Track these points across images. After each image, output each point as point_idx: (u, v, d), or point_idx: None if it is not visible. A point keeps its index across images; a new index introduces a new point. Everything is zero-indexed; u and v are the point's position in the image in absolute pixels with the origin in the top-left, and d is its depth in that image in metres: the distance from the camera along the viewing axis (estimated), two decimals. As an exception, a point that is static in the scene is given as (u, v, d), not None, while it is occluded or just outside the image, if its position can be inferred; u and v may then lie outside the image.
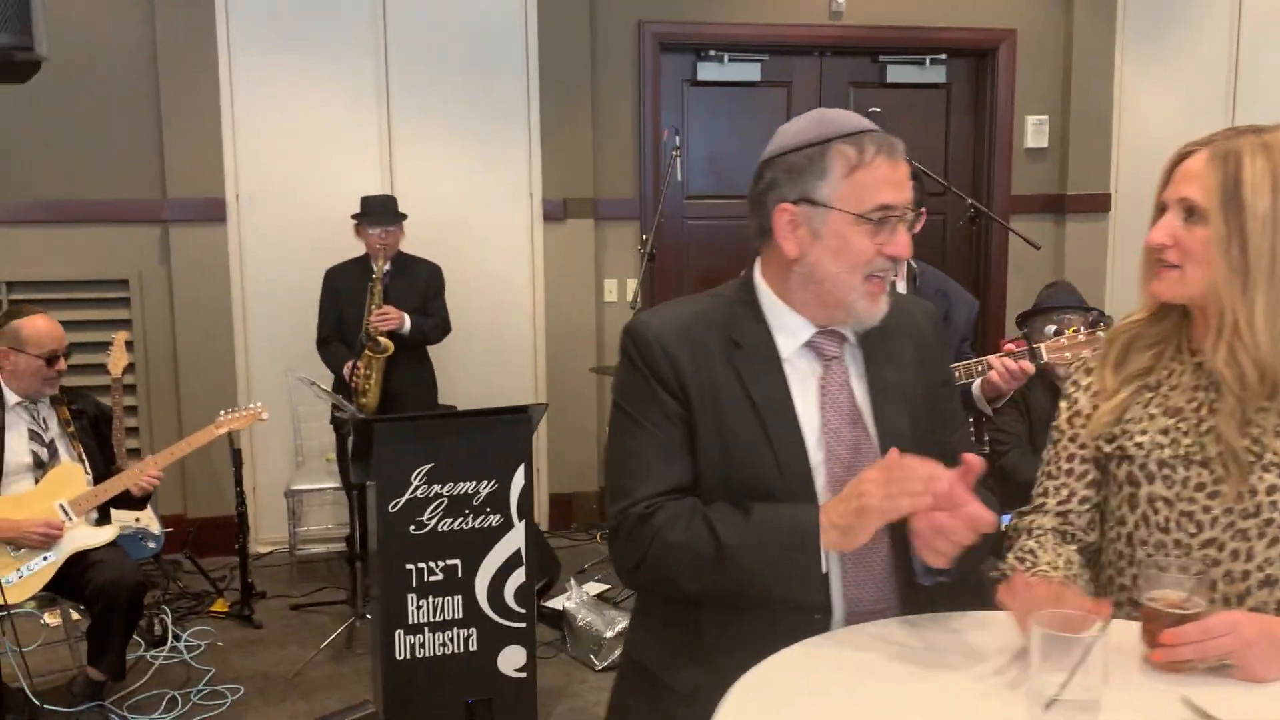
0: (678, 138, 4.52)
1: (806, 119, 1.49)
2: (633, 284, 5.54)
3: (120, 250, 4.94)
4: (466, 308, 4.96)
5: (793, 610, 1.41)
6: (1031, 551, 1.53)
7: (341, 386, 4.46)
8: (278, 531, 5.02)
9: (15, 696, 3.31)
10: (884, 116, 4.76)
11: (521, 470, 3.27)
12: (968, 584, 1.54)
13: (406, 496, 3.17)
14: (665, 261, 5.56)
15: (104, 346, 4.21)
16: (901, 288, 2.94)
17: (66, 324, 4.84)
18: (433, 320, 4.53)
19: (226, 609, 4.36)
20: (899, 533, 1.44)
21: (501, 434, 3.25)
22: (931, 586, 1.48)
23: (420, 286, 4.54)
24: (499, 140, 5.24)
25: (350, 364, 4.32)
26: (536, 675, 3.37)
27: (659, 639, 1.54)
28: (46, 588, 3.27)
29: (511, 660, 3.32)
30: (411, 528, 3.18)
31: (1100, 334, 2.66)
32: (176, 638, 4.02)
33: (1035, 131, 5.78)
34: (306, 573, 4.88)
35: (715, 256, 5.69)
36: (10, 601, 3.19)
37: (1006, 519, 1.60)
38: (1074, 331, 2.73)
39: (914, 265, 2.97)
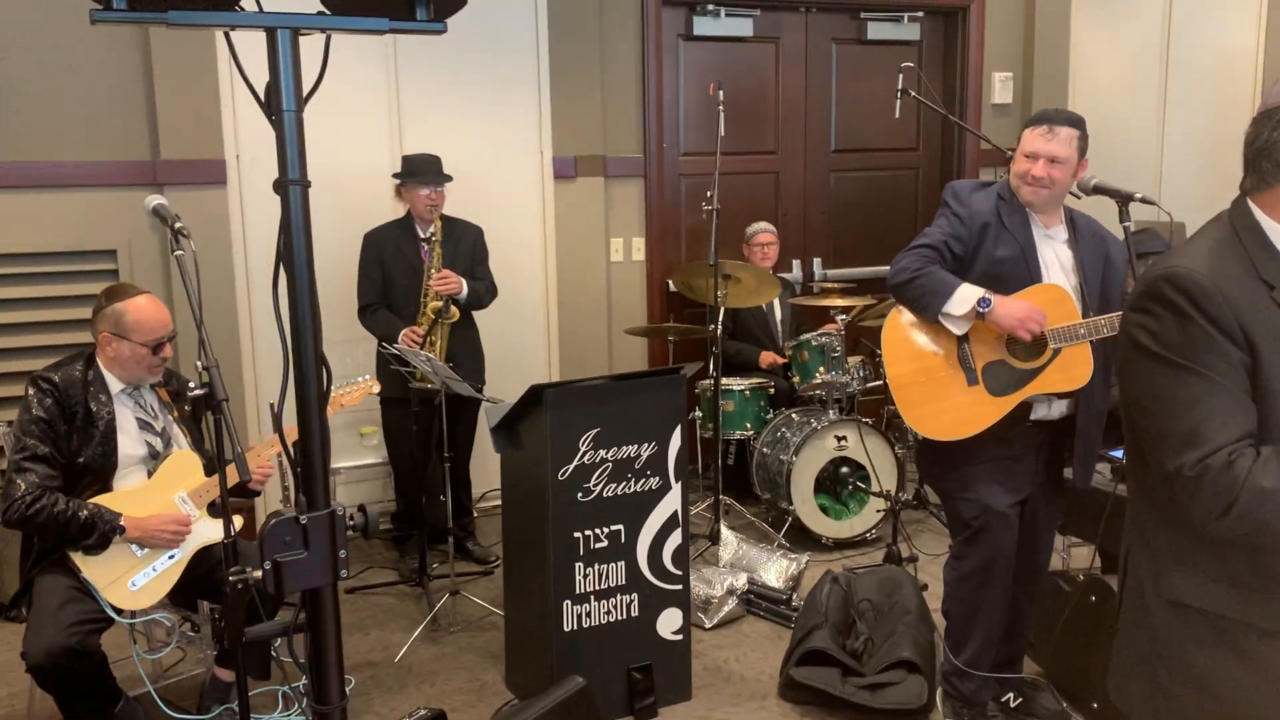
0: (721, 93, 4.47)
1: None
2: (638, 243, 5.48)
3: (107, 218, 4.49)
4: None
5: None
6: None
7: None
8: (305, 513, 4.73)
9: (139, 702, 3.04)
10: (916, 71, 4.90)
11: (679, 431, 3.23)
12: None
13: (575, 463, 3.08)
14: (665, 219, 5.53)
15: (88, 325, 3.70)
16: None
17: (49, 300, 4.45)
18: (484, 283, 4.34)
19: (282, 598, 4.10)
20: None
21: (661, 395, 3.19)
22: None
23: (467, 249, 4.33)
24: (509, 98, 5.06)
25: (414, 332, 4.07)
26: (691, 636, 3.36)
27: (1218, 580, 1.55)
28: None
29: (669, 623, 3.30)
30: (579, 494, 3.10)
31: None
32: (253, 632, 3.76)
33: (1001, 87, 6.06)
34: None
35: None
36: (141, 606, 2.92)
37: None
38: None
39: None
